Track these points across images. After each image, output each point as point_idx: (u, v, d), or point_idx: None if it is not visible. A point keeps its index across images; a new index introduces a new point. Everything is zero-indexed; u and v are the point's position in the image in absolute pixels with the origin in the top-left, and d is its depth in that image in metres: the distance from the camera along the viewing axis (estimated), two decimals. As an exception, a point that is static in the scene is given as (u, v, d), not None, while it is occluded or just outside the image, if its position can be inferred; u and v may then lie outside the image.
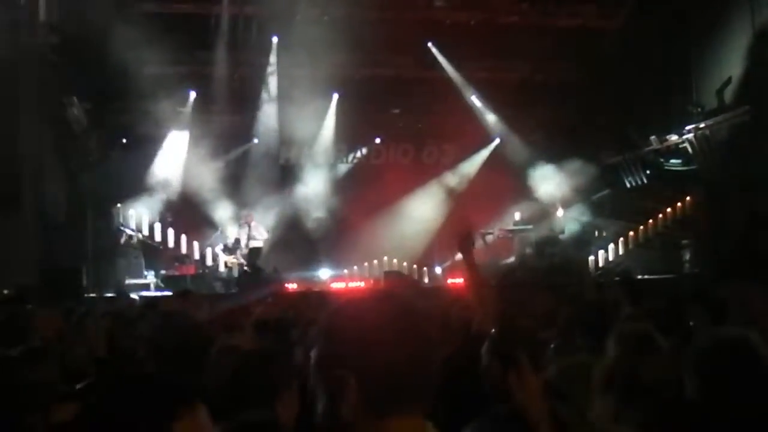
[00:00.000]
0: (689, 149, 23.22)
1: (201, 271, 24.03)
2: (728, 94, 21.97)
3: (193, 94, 25.10)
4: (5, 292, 11.93)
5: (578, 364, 4.13)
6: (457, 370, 4.85)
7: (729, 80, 21.84)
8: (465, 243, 5.78)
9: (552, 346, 5.91)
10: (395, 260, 26.30)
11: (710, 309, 7.55)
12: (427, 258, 26.95)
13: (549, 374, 3.88)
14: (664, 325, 5.33)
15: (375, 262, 26.45)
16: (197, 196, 24.98)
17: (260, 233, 23.88)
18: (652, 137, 24.25)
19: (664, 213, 24.53)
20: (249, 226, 23.63)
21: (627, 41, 24.55)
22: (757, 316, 6.40)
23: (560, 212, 25.49)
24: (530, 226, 25.46)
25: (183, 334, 4.68)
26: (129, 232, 23.70)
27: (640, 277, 20.40)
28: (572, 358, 4.53)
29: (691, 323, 7.24)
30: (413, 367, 2.18)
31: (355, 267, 26.31)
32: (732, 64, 21.86)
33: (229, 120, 26.44)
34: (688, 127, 22.98)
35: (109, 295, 20.10)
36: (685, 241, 23.19)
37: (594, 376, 3.92)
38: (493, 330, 4.61)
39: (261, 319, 7.81)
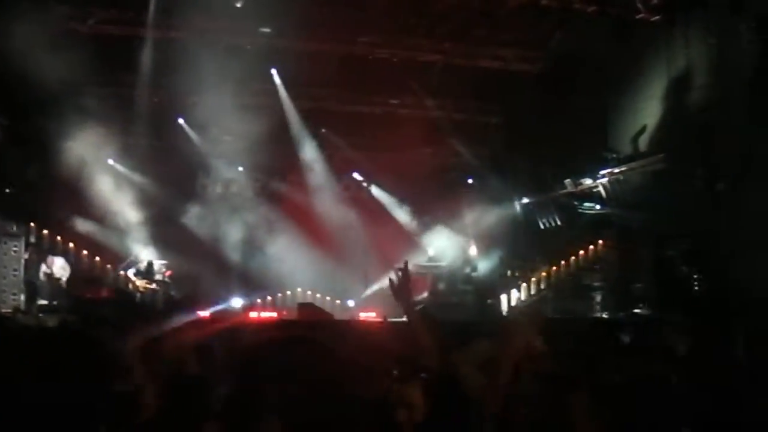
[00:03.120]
0: (603, 193, 23.59)
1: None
2: (643, 141, 22.42)
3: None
4: None
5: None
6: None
7: (644, 128, 22.30)
8: (401, 290, 5.76)
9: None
10: (309, 292, 26.16)
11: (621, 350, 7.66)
12: (340, 290, 26.82)
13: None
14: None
15: (288, 293, 26.30)
16: (111, 220, 24.68)
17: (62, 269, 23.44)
18: (567, 180, 24.58)
19: (576, 255, 24.81)
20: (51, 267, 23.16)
21: (546, 85, 24.92)
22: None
23: (473, 250, 25.64)
24: (443, 263, 25.56)
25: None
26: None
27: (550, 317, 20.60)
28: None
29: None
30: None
31: (268, 297, 26.12)
32: (647, 112, 22.32)
33: (147, 144, 26.13)
34: (602, 172, 23.36)
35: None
36: (596, 284, 23.47)
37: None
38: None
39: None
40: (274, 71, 25.21)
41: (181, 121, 25.94)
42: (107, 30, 23.08)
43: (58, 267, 22.84)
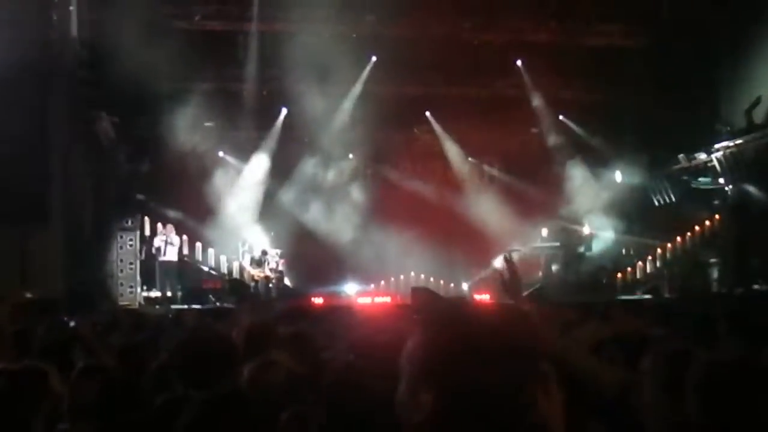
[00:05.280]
0: (717, 168, 23.10)
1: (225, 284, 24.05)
2: (758, 113, 21.81)
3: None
4: (28, 295, 11.89)
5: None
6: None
7: (759, 99, 21.69)
8: (510, 284, 5.66)
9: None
10: (422, 276, 26.23)
11: (742, 330, 7.47)
12: (454, 274, 26.79)
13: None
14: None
15: (401, 277, 26.42)
16: (225, 211, 25.13)
17: (174, 247, 23.68)
18: (680, 155, 24.13)
19: (692, 231, 24.38)
20: (167, 238, 23.38)
21: (654, 60, 24.47)
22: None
23: (587, 230, 25.37)
24: (557, 244, 25.31)
25: (207, 347, 4.65)
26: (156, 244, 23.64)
27: (668, 295, 20.29)
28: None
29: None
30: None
31: (382, 282, 26.27)
32: (761, 82, 21.73)
33: (256, 136, 26.50)
34: (716, 146, 22.87)
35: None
36: (712, 260, 22.99)
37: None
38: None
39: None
40: (374, 58, 25.18)
41: (285, 111, 26.15)
42: (212, 26, 23.50)
43: (171, 246, 23.13)
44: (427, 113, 27.26)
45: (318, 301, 21.99)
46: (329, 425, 3.89)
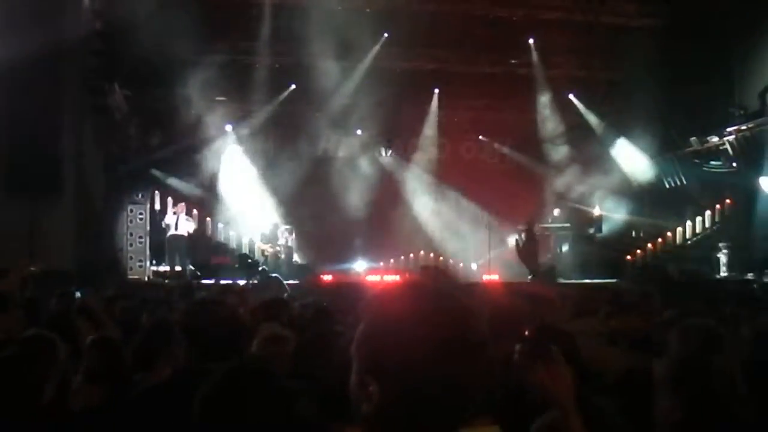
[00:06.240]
0: (730, 151, 23.01)
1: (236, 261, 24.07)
2: (772, 96, 21.73)
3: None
4: (32, 268, 11.89)
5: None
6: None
7: (773, 82, 21.63)
8: (527, 252, 5.63)
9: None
10: (431, 254, 26.22)
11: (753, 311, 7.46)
12: (463, 253, 26.77)
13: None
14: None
15: (411, 255, 26.43)
16: (234, 185, 25.13)
17: (188, 224, 23.54)
18: (692, 138, 24.05)
19: (702, 215, 24.32)
20: (178, 216, 23.33)
21: (668, 40, 24.33)
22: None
23: (597, 211, 25.35)
24: (567, 225, 25.29)
25: (217, 322, 4.65)
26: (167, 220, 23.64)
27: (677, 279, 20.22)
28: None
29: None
30: (467, 375, 2.06)
31: (391, 260, 26.29)
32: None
33: (266, 110, 26.44)
34: (729, 129, 22.76)
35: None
36: (722, 244, 22.92)
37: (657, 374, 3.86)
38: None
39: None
40: (385, 35, 25.07)
41: (293, 86, 26.10)
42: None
43: (182, 222, 23.12)
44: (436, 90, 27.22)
45: (327, 278, 22.04)
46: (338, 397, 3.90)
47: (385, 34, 24.72)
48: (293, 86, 25.88)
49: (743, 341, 3.92)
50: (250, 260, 23.31)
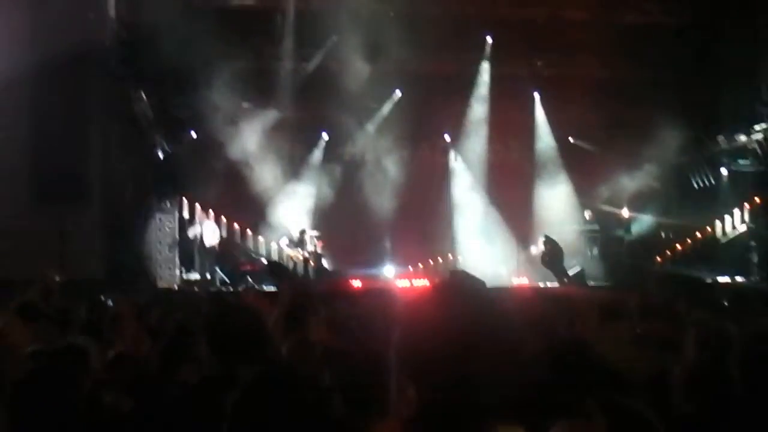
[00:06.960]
0: (758, 150, 22.84)
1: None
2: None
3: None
4: (56, 278, 11.95)
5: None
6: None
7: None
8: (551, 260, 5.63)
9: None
10: (460, 258, 26.13)
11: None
12: (493, 258, 26.62)
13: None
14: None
15: (440, 260, 26.36)
16: (262, 192, 25.12)
17: (216, 231, 23.75)
18: (720, 137, 23.88)
19: (731, 215, 24.15)
20: (205, 224, 23.48)
21: (693, 39, 24.19)
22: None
23: (626, 212, 25.22)
24: (596, 227, 25.13)
25: (240, 324, 4.67)
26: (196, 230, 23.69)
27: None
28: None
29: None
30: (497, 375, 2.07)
31: (420, 264, 26.23)
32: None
33: (294, 116, 26.43)
34: (757, 127, 22.60)
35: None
36: (753, 243, 22.76)
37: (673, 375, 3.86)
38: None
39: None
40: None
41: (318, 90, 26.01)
42: (249, 5, 23.52)
43: (209, 231, 23.23)
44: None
45: (356, 283, 22.04)
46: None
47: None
48: (318, 90, 25.87)
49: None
50: (279, 267, 23.32)
